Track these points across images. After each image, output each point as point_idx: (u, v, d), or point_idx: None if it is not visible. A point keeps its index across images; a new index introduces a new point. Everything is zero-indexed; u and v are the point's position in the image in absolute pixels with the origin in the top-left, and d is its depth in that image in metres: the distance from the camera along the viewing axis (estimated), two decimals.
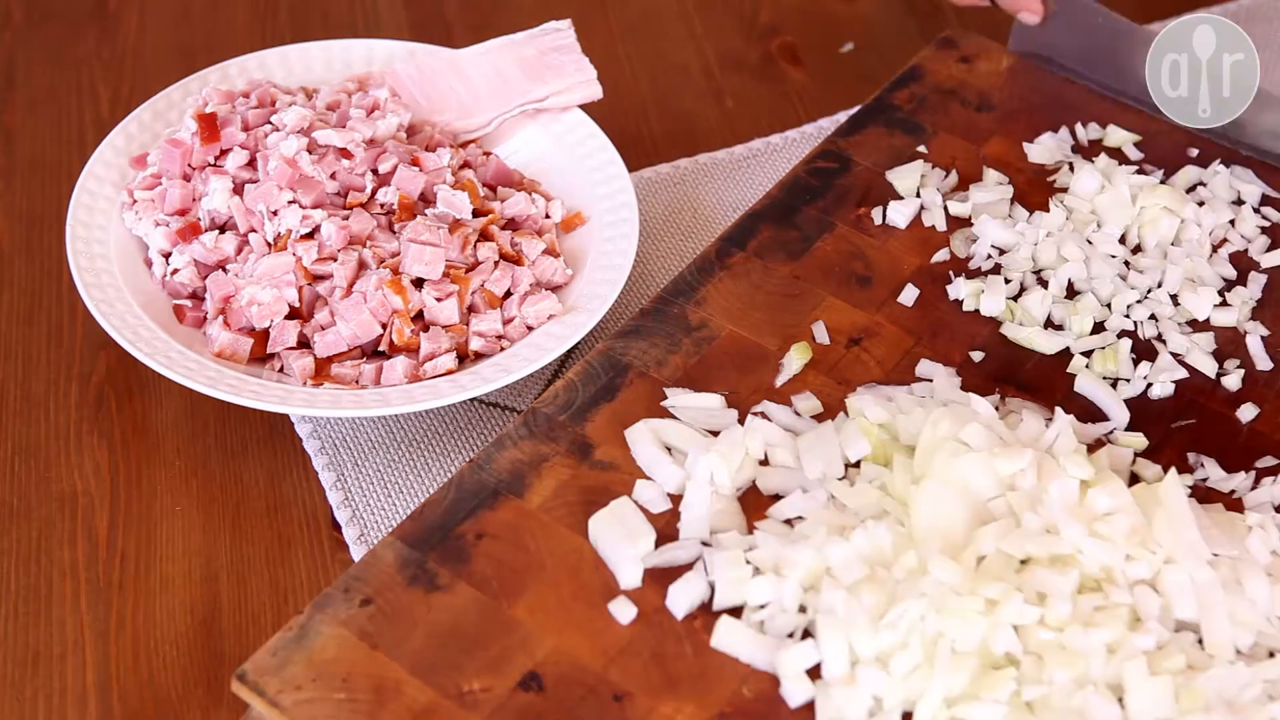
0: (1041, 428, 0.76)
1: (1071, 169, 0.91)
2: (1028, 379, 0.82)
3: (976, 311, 0.85)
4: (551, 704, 0.67)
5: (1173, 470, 0.74)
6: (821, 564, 0.69)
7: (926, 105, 0.98)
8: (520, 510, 0.74)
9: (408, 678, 0.67)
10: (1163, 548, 0.70)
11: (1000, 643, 0.67)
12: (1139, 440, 0.78)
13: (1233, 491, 0.76)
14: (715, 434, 0.77)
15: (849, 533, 0.71)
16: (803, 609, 0.69)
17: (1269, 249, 0.87)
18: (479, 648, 0.69)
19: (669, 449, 0.77)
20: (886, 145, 0.95)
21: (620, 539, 0.72)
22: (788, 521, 0.74)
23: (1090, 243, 0.87)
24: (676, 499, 0.75)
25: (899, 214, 0.90)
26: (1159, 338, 0.84)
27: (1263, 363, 0.83)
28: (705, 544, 0.72)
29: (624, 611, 0.70)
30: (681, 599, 0.70)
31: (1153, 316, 0.84)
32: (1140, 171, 0.91)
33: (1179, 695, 0.66)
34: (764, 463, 0.77)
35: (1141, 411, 0.80)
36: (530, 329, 0.89)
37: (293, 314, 0.87)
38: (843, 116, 1.09)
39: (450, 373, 0.86)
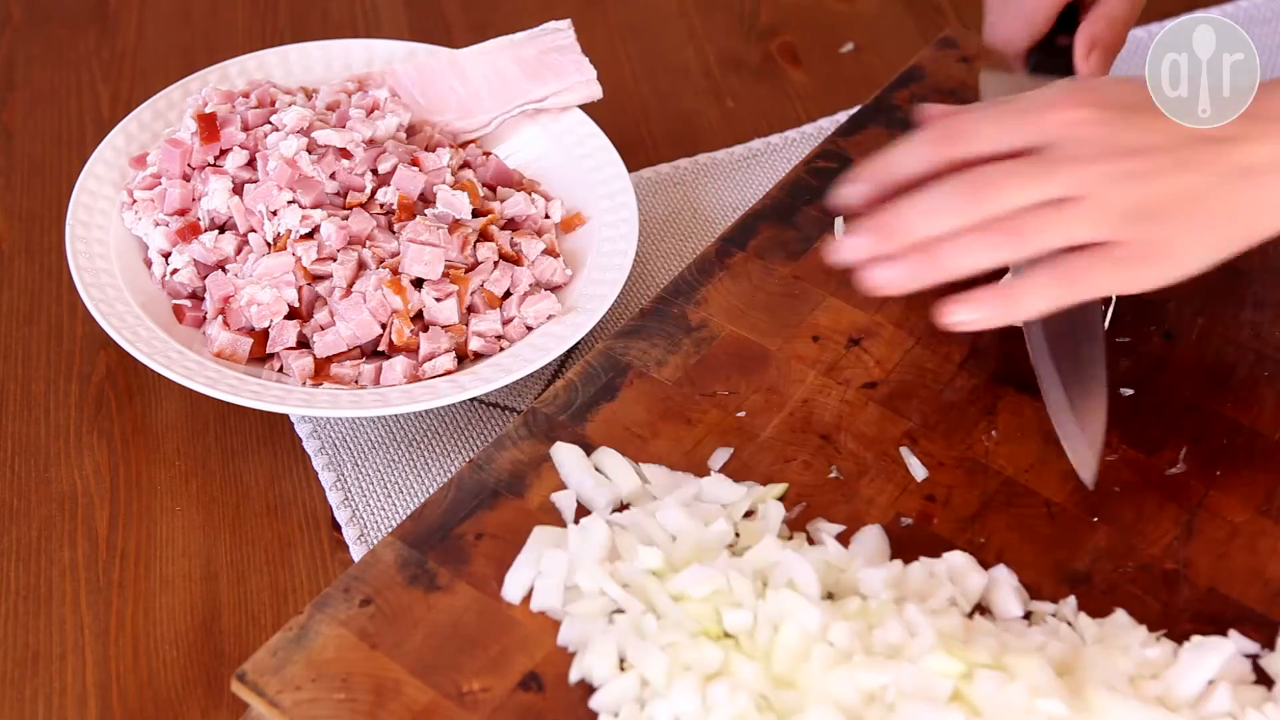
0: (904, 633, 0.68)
1: None
2: (1029, 378, 0.82)
3: None
4: (551, 704, 0.67)
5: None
6: None
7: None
8: (520, 510, 0.74)
9: (408, 678, 0.67)
10: None
11: None
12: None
13: None
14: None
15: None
16: None
17: None
18: (479, 648, 0.69)
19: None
20: (887, 145, 0.95)
21: (527, 563, 0.71)
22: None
23: None
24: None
25: None
26: None
27: None
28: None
29: None
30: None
31: None
32: None
33: None
34: None
35: None
36: (530, 329, 0.89)
37: (292, 314, 0.88)
38: (843, 116, 1.09)
39: (450, 373, 0.86)
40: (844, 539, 0.74)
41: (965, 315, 0.70)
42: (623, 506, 0.75)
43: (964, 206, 0.69)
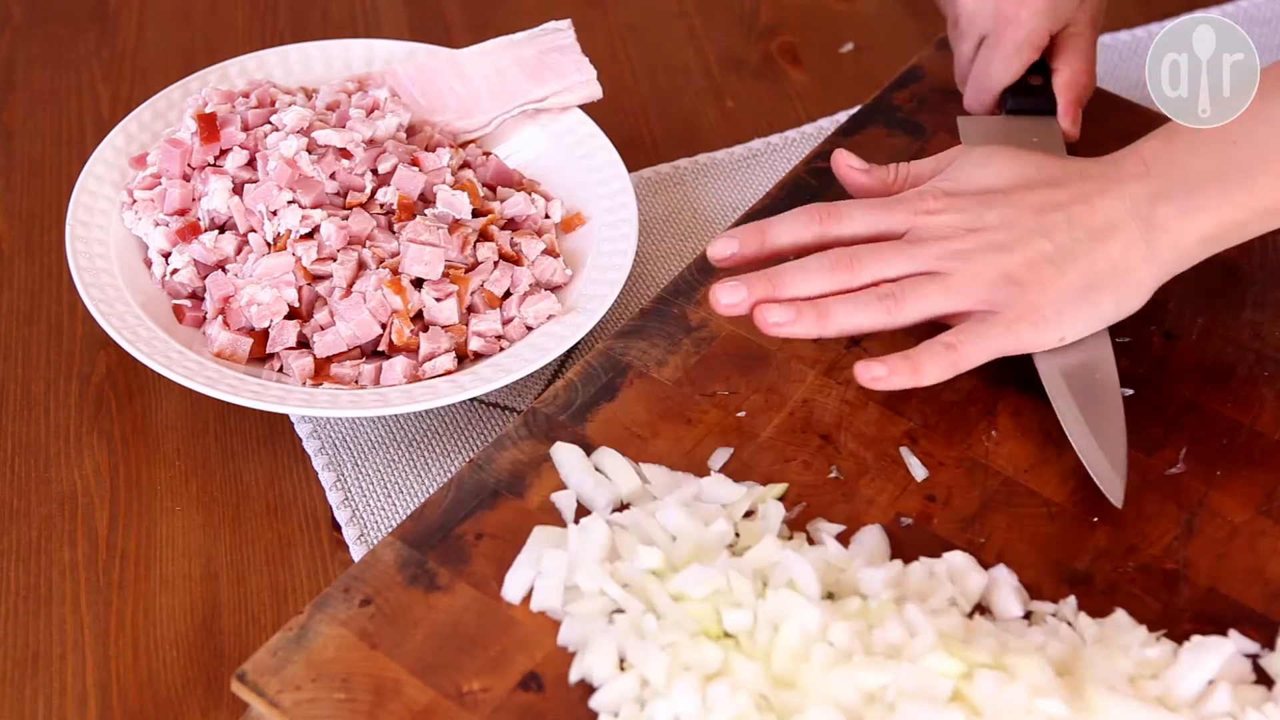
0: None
1: None
2: (1029, 378, 0.82)
3: None
4: (551, 704, 0.67)
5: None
6: None
7: (926, 105, 0.98)
8: (520, 510, 0.74)
9: (408, 678, 0.67)
10: None
11: None
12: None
13: None
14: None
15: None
16: None
17: None
18: (479, 648, 0.69)
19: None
20: (886, 145, 0.95)
21: (527, 563, 0.71)
22: None
23: None
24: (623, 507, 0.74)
25: None
26: None
27: None
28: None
29: None
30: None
31: None
32: None
33: None
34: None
35: None
36: (530, 329, 0.89)
37: (292, 314, 0.88)
38: (843, 116, 1.09)
39: (449, 373, 0.86)
40: (844, 539, 0.74)
41: (876, 372, 0.75)
42: (623, 506, 0.75)
43: (834, 274, 0.75)
